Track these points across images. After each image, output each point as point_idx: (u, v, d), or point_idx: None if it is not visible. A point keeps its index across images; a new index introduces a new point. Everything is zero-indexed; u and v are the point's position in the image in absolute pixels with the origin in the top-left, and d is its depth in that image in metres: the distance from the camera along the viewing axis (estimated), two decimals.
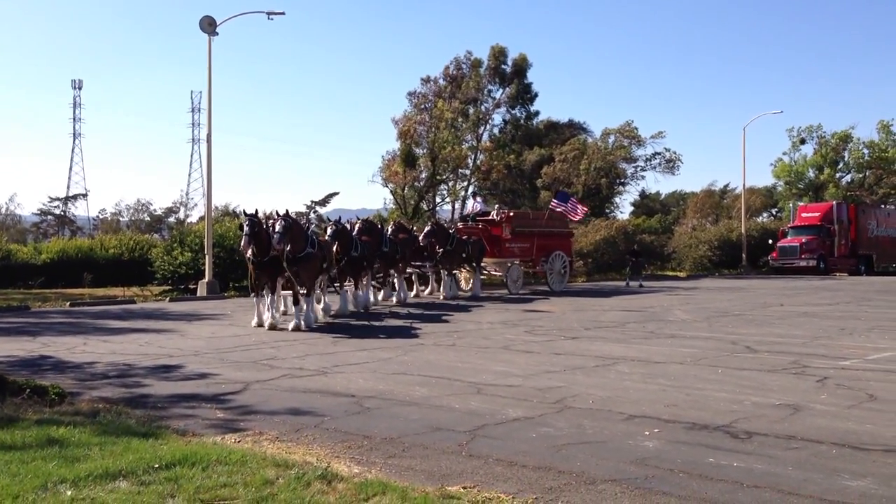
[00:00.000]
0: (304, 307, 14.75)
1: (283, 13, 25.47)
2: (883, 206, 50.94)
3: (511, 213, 25.45)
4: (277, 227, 14.08)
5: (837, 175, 58.13)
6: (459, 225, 24.19)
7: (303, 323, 14.44)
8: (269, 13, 25.39)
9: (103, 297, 23.38)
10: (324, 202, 55.33)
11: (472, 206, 26.32)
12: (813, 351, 11.10)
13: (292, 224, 14.55)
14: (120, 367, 10.08)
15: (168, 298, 23.27)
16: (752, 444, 5.95)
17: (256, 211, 14.48)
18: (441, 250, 21.27)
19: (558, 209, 25.44)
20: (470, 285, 23.62)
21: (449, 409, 7.32)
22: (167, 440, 5.95)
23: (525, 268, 25.38)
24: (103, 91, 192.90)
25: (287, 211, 14.86)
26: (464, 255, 22.17)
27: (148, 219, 68.41)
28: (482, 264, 23.85)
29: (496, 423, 6.72)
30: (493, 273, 25.15)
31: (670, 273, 39.86)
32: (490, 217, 24.81)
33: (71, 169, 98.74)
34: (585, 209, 27.75)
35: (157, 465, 5.17)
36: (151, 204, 72.44)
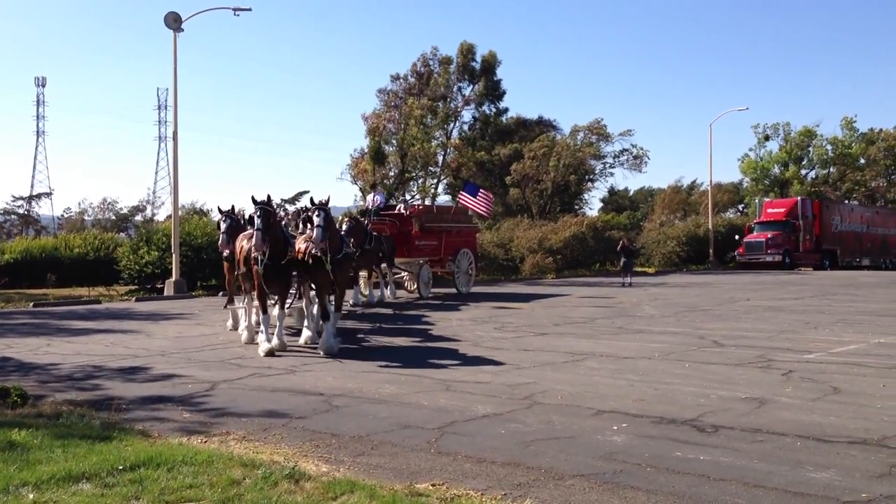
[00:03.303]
0: (333, 323, 11.63)
1: (249, 9, 25.28)
2: (846, 201, 52.00)
3: (421, 208, 23.51)
4: (316, 220, 11.15)
5: (802, 171, 59.17)
6: (362, 220, 20.15)
7: (336, 346, 11.22)
8: (235, 9, 25.16)
9: (68, 298, 23.01)
10: (294, 200, 54.88)
11: (372, 199, 22.72)
12: (778, 345, 11.25)
13: (330, 216, 11.61)
14: (85, 368, 9.93)
15: (134, 298, 22.96)
16: (718, 438, 6.01)
17: (269, 197, 11.29)
18: (358, 251, 17.78)
19: (468, 203, 22.99)
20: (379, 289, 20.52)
21: (418, 407, 7.30)
22: (132, 442, 5.86)
23: (433, 269, 22.49)
24: (67, 88, 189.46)
25: (329, 198, 11.55)
26: (380, 255, 19.74)
27: (114, 217, 67.38)
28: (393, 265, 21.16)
29: (465, 420, 6.72)
30: (404, 274, 22.68)
31: (639, 269, 40.15)
32: (397, 211, 22.26)
33: (35, 167, 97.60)
34: (491, 199, 24.83)
35: (121, 467, 5.09)
36: (118, 202, 71.37)
